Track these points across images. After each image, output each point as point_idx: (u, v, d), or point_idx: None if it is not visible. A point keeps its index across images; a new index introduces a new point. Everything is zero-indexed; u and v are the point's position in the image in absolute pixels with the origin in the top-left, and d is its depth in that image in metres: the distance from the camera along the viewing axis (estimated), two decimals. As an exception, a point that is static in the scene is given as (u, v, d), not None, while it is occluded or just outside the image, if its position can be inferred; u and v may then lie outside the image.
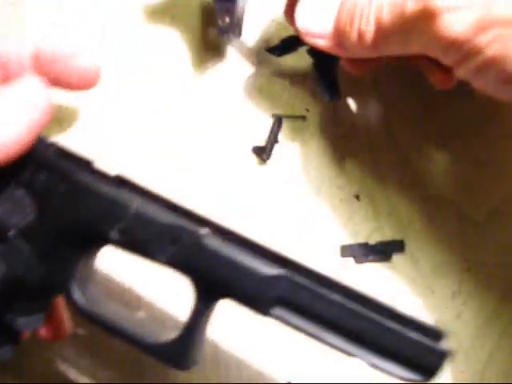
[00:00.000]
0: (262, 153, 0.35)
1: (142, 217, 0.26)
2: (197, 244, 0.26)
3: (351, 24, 0.27)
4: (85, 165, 0.27)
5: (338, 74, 0.33)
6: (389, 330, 0.24)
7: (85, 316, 0.27)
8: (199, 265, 0.26)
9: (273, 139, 0.35)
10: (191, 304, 0.26)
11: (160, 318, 0.35)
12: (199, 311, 0.26)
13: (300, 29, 0.29)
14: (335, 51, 0.29)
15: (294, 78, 0.35)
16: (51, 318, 0.31)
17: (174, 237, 0.26)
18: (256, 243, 0.26)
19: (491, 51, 0.23)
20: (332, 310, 0.25)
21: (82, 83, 0.32)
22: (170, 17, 0.36)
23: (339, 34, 0.28)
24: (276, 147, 0.35)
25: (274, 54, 0.34)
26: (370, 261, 0.34)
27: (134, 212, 0.26)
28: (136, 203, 0.26)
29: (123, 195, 0.27)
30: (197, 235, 0.26)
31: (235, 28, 0.33)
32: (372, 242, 0.34)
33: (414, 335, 0.24)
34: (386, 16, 0.25)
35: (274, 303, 0.25)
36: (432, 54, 0.25)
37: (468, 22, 0.23)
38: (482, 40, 0.23)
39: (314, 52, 0.30)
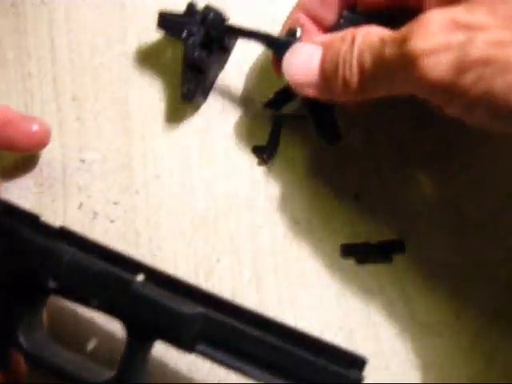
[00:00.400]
0: (262, 153, 0.35)
1: (75, 266, 0.29)
2: (125, 290, 0.28)
3: (335, 72, 0.27)
4: (29, 220, 0.30)
5: (335, 117, 0.32)
6: (306, 360, 0.26)
7: (30, 362, 0.30)
8: (128, 310, 0.28)
9: (273, 139, 0.35)
10: (124, 345, 0.28)
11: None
12: (131, 353, 0.28)
13: (288, 80, 0.29)
14: (325, 98, 0.29)
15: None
16: (7, 364, 0.32)
17: (104, 284, 0.28)
18: (180, 283, 0.28)
19: (475, 91, 0.23)
20: (250, 344, 0.27)
21: (32, 146, 0.34)
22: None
23: (325, 83, 0.28)
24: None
25: (272, 109, 0.34)
26: (370, 261, 0.34)
27: (68, 262, 0.29)
28: (70, 253, 0.29)
29: (59, 246, 0.29)
30: (125, 282, 0.28)
31: (200, 96, 0.34)
32: (372, 242, 0.34)
33: (329, 365, 0.26)
34: (368, 62, 0.26)
35: (196, 340, 0.27)
36: (418, 95, 0.25)
37: (447, 65, 0.23)
38: (465, 81, 0.23)
39: (307, 100, 0.30)
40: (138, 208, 0.36)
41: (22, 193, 0.36)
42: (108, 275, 0.28)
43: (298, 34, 0.30)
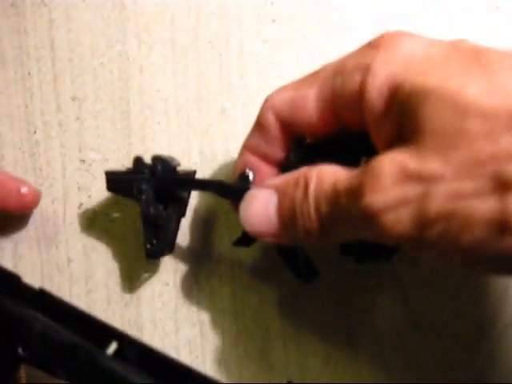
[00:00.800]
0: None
1: (46, 337, 0.29)
2: (92, 364, 0.28)
3: (294, 220, 0.25)
4: (9, 281, 0.31)
5: (307, 254, 0.31)
6: None
7: None
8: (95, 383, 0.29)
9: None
10: None
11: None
12: None
13: (246, 228, 0.27)
14: (287, 243, 0.28)
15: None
16: None
17: (72, 356, 0.29)
18: (151, 353, 0.29)
19: (443, 245, 0.21)
20: None
21: (21, 207, 0.34)
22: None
23: (285, 231, 0.26)
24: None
25: (242, 247, 0.32)
26: (370, 260, 0.34)
27: (38, 332, 0.29)
28: (41, 323, 0.29)
29: (31, 315, 0.29)
30: (92, 355, 0.29)
31: (165, 249, 0.33)
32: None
33: None
34: (325, 212, 0.24)
35: None
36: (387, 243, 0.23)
37: (408, 221, 0.21)
38: (430, 236, 0.21)
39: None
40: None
41: (22, 193, 0.36)
42: (77, 348, 0.29)
43: (251, 177, 0.29)
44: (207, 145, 0.36)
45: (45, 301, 0.30)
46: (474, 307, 0.34)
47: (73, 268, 0.36)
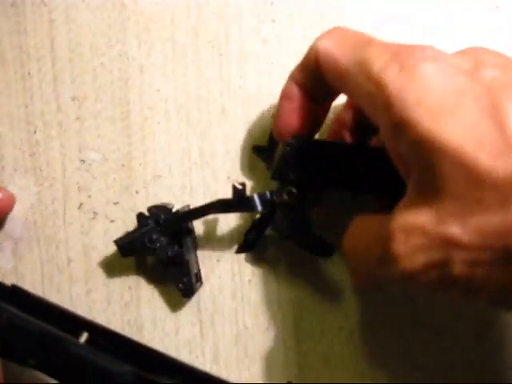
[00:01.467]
0: (263, 152, 0.35)
1: (12, 326, 0.29)
2: (60, 351, 0.29)
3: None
4: None
5: (315, 232, 0.32)
6: None
7: None
8: (65, 371, 0.29)
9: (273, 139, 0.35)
10: None
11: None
12: None
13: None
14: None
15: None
16: None
17: (41, 345, 0.29)
18: (119, 341, 0.30)
19: (467, 295, 0.23)
20: None
21: None
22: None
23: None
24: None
25: (246, 251, 0.34)
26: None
27: (5, 322, 0.29)
28: (7, 313, 0.30)
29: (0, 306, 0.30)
30: (60, 343, 0.29)
31: (195, 283, 0.34)
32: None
33: None
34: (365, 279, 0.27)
35: None
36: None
37: (436, 279, 0.23)
38: (456, 289, 0.23)
39: (283, 235, 0.32)
40: (137, 208, 0.36)
41: (22, 193, 0.36)
42: (47, 336, 0.29)
43: (240, 188, 0.31)
44: (207, 145, 0.36)
45: (17, 296, 0.31)
46: (474, 307, 0.34)
47: (73, 268, 0.36)
